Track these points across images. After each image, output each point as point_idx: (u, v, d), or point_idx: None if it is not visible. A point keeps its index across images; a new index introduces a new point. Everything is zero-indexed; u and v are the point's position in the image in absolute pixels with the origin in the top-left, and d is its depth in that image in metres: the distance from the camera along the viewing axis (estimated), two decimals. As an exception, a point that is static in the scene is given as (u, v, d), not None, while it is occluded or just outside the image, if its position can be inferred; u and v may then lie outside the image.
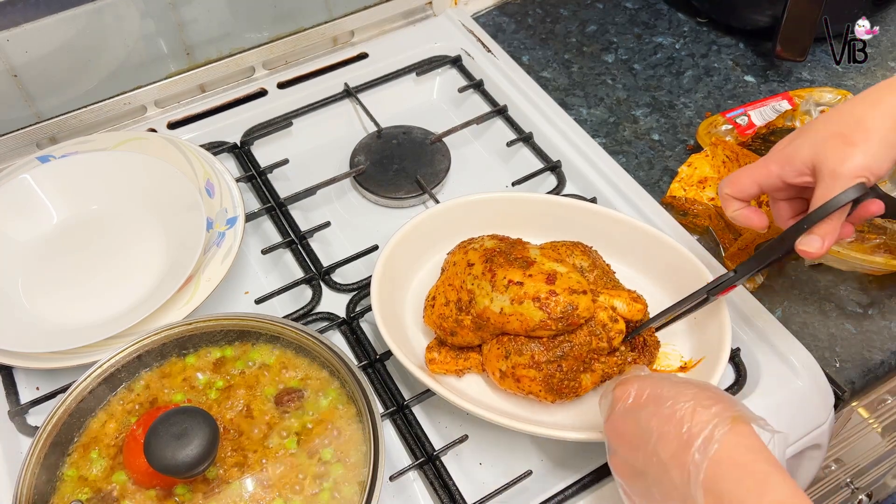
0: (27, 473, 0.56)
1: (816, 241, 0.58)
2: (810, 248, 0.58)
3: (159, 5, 0.86)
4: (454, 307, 0.66)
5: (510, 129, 0.92)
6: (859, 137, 0.57)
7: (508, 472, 0.65)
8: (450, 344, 0.68)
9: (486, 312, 0.64)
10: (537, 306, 0.61)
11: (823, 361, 0.72)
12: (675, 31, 1.06)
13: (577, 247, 0.70)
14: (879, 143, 0.56)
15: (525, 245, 0.68)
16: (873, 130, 0.57)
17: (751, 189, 0.64)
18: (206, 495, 0.56)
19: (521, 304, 0.62)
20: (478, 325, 0.65)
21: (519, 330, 0.63)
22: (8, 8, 0.78)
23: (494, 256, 0.66)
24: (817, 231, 0.58)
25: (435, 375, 0.67)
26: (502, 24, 1.08)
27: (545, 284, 0.62)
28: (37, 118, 0.87)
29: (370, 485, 0.56)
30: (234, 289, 0.79)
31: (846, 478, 1.14)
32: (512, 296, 0.62)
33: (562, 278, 0.63)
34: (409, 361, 0.65)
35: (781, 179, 0.62)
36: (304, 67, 0.99)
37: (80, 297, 0.75)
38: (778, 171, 0.61)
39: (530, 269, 0.64)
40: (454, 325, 0.66)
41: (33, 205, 0.79)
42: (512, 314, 0.62)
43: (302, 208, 0.86)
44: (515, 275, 0.63)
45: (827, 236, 0.58)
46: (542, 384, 0.63)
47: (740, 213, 0.65)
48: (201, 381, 0.63)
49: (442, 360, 0.67)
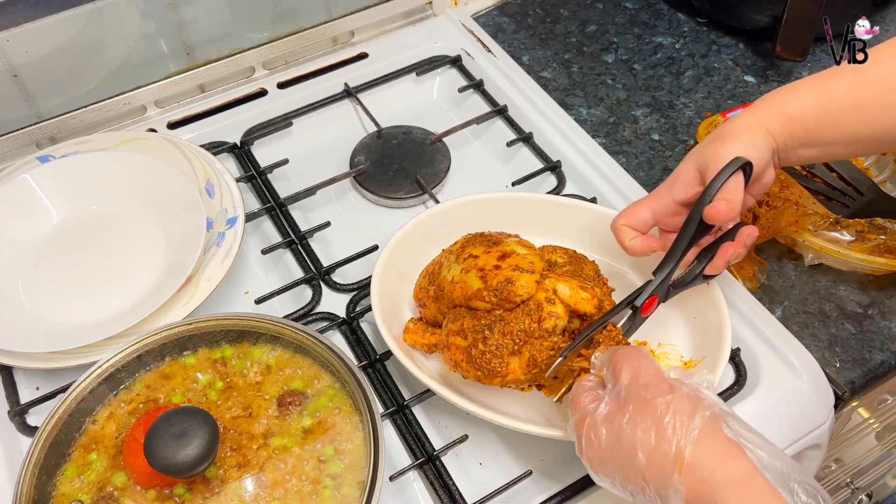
0: (27, 473, 0.56)
1: (721, 203, 0.60)
2: (716, 207, 0.60)
3: (159, 5, 0.86)
4: (428, 279, 0.68)
5: (510, 129, 0.92)
6: (726, 137, 0.63)
7: (508, 472, 0.65)
8: (423, 318, 0.69)
9: (442, 282, 0.65)
10: (479, 276, 0.62)
11: (823, 361, 0.72)
12: (675, 31, 1.06)
13: (567, 251, 0.69)
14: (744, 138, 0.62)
15: (511, 236, 0.69)
16: (735, 131, 0.63)
17: (646, 217, 0.66)
18: (206, 495, 0.56)
19: (467, 272, 0.63)
20: (437, 296, 0.66)
21: (460, 299, 0.63)
22: (8, 8, 0.78)
23: (475, 238, 0.67)
24: (719, 196, 0.60)
25: (434, 373, 0.67)
26: (502, 24, 1.08)
27: (495, 260, 0.63)
28: (37, 118, 0.87)
29: (370, 485, 0.56)
30: (234, 289, 0.79)
31: (846, 478, 1.14)
32: (463, 266, 0.64)
33: (514, 257, 0.63)
34: (409, 361, 0.65)
35: (673, 200, 0.65)
36: (304, 67, 0.99)
37: (80, 297, 0.75)
38: (667, 191, 0.65)
39: (494, 247, 0.65)
40: (424, 295, 0.68)
41: (33, 205, 0.79)
42: (458, 282, 0.63)
43: (302, 208, 0.86)
44: (477, 250, 0.65)
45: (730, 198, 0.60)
46: (464, 354, 0.61)
47: (637, 242, 0.66)
48: (201, 382, 0.63)
49: (413, 331, 0.69)
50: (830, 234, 0.77)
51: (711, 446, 0.49)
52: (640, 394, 0.52)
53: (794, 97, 0.65)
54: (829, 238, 0.77)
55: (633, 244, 0.66)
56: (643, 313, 0.63)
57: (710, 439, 0.49)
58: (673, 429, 0.49)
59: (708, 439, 0.49)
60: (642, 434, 0.50)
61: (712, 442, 0.49)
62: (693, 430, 0.49)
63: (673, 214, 0.66)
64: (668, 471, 0.48)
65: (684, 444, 0.48)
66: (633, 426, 0.51)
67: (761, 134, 0.63)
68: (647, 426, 0.50)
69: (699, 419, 0.49)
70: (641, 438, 0.50)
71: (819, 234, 0.77)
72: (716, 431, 0.49)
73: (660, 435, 0.49)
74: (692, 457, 0.48)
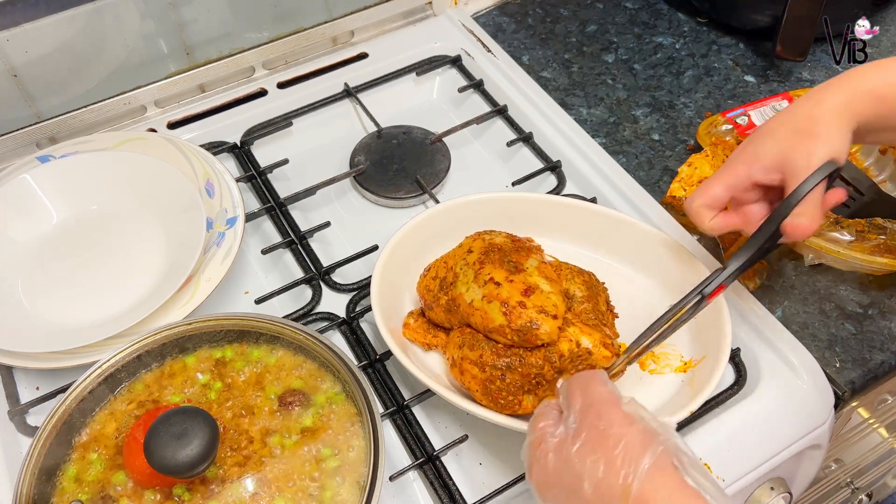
0: (27, 473, 0.56)
1: (803, 218, 0.59)
2: (798, 225, 0.59)
3: (159, 5, 0.86)
4: (439, 283, 0.68)
5: (510, 129, 0.92)
6: (817, 131, 0.61)
7: (508, 472, 0.65)
8: (427, 317, 0.69)
9: (458, 298, 0.65)
10: (502, 311, 0.61)
11: (823, 361, 0.72)
12: (675, 31, 1.06)
13: (583, 274, 0.69)
14: (834, 133, 0.60)
15: (529, 252, 0.68)
16: (825, 123, 0.61)
17: (723, 194, 0.64)
18: (206, 495, 0.56)
19: (490, 303, 0.62)
20: (449, 308, 0.66)
21: (479, 326, 0.63)
22: (8, 8, 0.78)
23: (492, 252, 0.66)
24: (800, 210, 0.60)
25: (434, 373, 0.67)
26: (502, 24, 1.08)
27: (520, 294, 0.62)
28: (37, 118, 0.87)
29: (370, 485, 0.56)
30: (234, 289, 0.79)
31: (846, 478, 1.14)
32: (486, 292, 0.63)
33: (538, 295, 0.62)
34: (409, 361, 0.65)
35: (750, 179, 0.63)
36: (304, 67, 0.99)
37: (80, 297, 0.75)
38: (746, 170, 0.63)
39: (516, 275, 0.64)
40: (432, 300, 0.68)
41: (33, 205, 0.79)
42: (478, 309, 0.63)
43: (302, 208, 0.86)
44: (499, 275, 0.64)
45: (811, 213, 0.59)
46: (481, 385, 0.62)
47: (718, 221, 0.65)
48: (201, 382, 0.63)
49: (414, 328, 0.69)
50: (830, 234, 0.77)
51: (661, 482, 0.47)
52: (593, 423, 0.50)
53: (882, 74, 0.62)
54: (829, 238, 0.77)
55: (713, 224, 0.64)
56: (708, 300, 0.63)
57: (661, 475, 0.47)
58: (622, 461, 0.47)
59: (658, 475, 0.47)
60: (591, 464, 0.48)
61: (662, 477, 0.47)
62: (643, 465, 0.47)
63: (747, 190, 0.64)
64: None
65: (632, 478, 0.47)
66: (581, 456, 0.49)
67: (846, 118, 0.61)
68: (596, 457, 0.48)
69: (650, 454, 0.47)
70: (590, 469, 0.48)
71: (819, 234, 0.77)
72: (667, 467, 0.47)
73: (609, 467, 0.48)
74: (639, 491, 0.46)
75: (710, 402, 0.68)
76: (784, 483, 0.72)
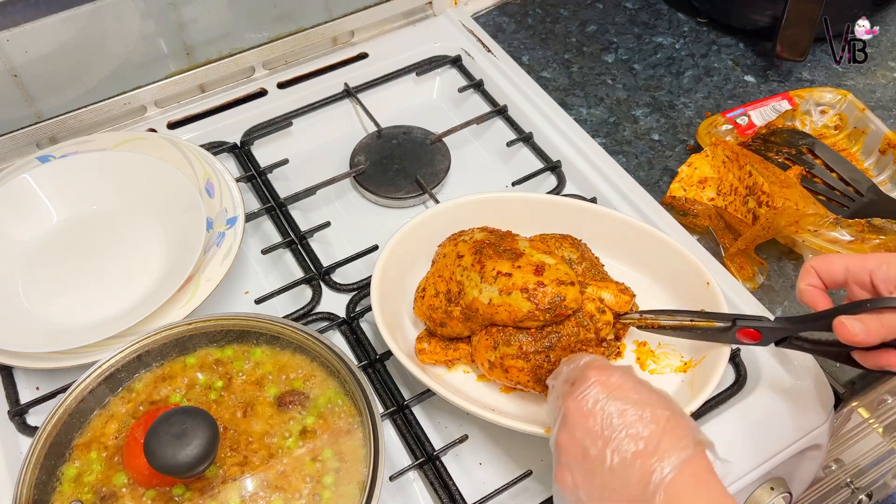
0: (27, 473, 0.56)
1: (858, 325, 0.56)
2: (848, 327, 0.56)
3: (159, 5, 0.86)
4: (444, 298, 0.67)
5: (510, 129, 0.92)
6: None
7: (508, 472, 0.65)
8: (439, 335, 0.69)
9: (475, 303, 0.64)
10: (525, 297, 0.62)
11: (823, 361, 0.72)
12: (675, 31, 1.06)
13: (566, 239, 0.71)
14: None
15: (514, 237, 0.69)
16: None
17: (838, 273, 0.61)
18: (206, 495, 0.56)
19: (510, 294, 0.62)
20: (467, 316, 0.65)
21: (507, 321, 0.63)
22: (8, 8, 0.78)
23: (484, 248, 0.66)
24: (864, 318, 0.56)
25: (434, 373, 0.67)
26: (502, 24, 1.08)
27: (533, 276, 0.63)
28: (37, 118, 0.87)
29: (370, 485, 0.56)
30: (234, 289, 0.79)
31: (846, 478, 1.14)
32: (500, 287, 0.63)
33: (550, 269, 0.63)
34: (409, 361, 0.65)
35: (871, 276, 0.60)
36: (304, 67, 0.99)
37: (81, 297, 0.75)
38: (873, 266, 0.60)
39: (519, 260, 0.64)
40: (444, 316, 0.67)
41: (33, 205, 0.79)
42: (500, 305, 0.63)
43: (302, 208, 0.86)
44: (504, 266, 0.64)
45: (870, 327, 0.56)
46: (530, 374, 0.63)
47: (810, 291, 0.62)
48: (201, 381, 0.63)
49: (431, 351, 0.68)
50: (830, 235, 0.77)
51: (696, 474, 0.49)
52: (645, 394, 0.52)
53: None
54: (829, 238, 0.77)
55: (806, 289, 0.62)
56: (738, 335, 0.62)
57: (697, 464, 0.49)
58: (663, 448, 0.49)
59: (694, 464, 0.49)
60: (631, 444, 0.50)
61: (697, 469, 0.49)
62: (684, 453, 0.49)
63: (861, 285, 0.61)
64: (651, 492, 0.48)
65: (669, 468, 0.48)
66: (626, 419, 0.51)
67: None
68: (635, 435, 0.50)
69: (691, 443, 0.49)
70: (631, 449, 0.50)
71: (819, 235, 0.77)
72: (703, 458, 0.50)
73: (647, 450, 0.49)
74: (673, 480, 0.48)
75: (710, 402, 0.68)
76: (784, 483, 0.72)
